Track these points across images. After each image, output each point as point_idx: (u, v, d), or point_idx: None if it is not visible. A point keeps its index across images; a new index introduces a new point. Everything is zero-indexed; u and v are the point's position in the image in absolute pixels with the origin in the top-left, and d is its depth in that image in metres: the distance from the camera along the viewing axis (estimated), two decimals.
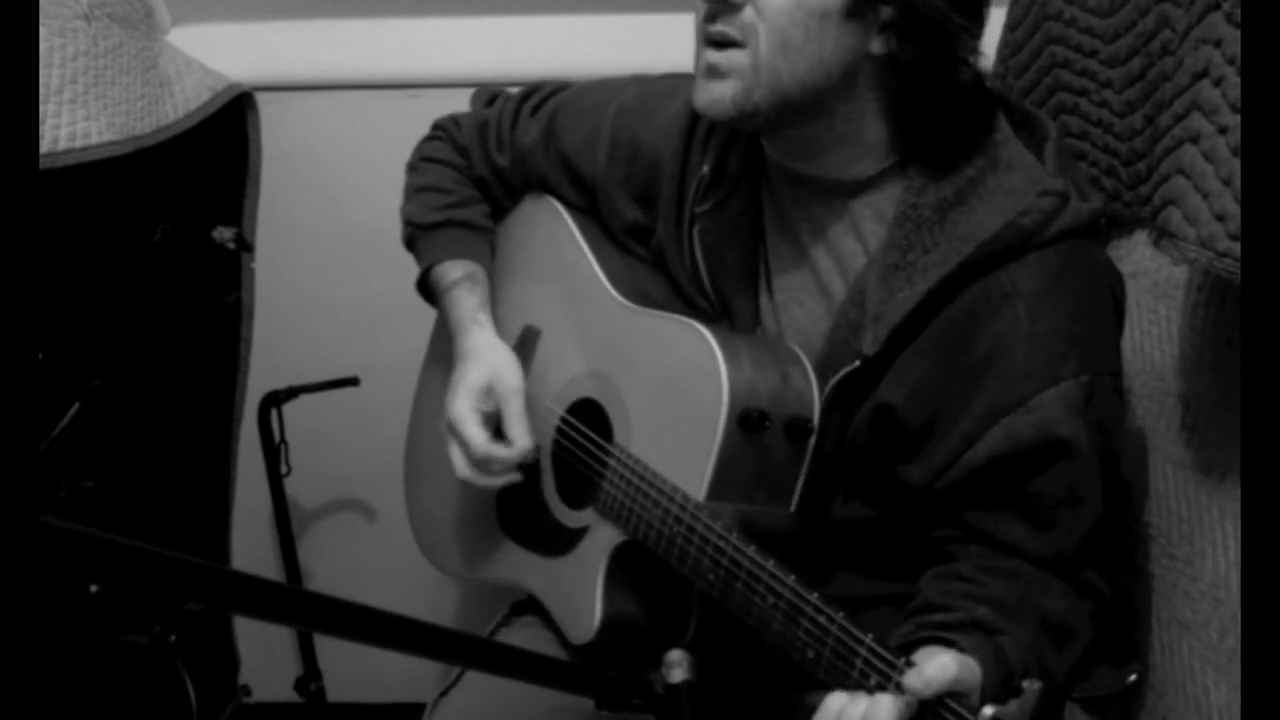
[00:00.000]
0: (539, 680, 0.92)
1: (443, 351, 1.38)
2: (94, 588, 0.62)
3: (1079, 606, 1.05)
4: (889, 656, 0.89)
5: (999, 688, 0.91)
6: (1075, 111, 1.28)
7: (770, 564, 0.99)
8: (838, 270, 1.13)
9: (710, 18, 1.05)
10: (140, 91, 1.56)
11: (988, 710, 0.81)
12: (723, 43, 1.04)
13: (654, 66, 1.32)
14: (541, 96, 1.35)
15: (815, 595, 0.96)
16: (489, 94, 1.42)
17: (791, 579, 0.98)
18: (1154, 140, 1.14)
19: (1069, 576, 1.05)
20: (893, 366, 1.06)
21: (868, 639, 0.91)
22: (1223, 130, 0.90)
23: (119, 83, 1.52)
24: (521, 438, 1.24)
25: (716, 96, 1.06)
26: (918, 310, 1.03)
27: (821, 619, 0.95)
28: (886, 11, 1.02)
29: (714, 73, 1.06)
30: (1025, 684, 0.82)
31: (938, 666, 0.87)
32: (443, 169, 1.39)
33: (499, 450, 1.23)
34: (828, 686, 0.95)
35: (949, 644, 0.95)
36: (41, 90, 1.37)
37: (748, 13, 1.02)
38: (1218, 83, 0.90)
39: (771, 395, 1.08)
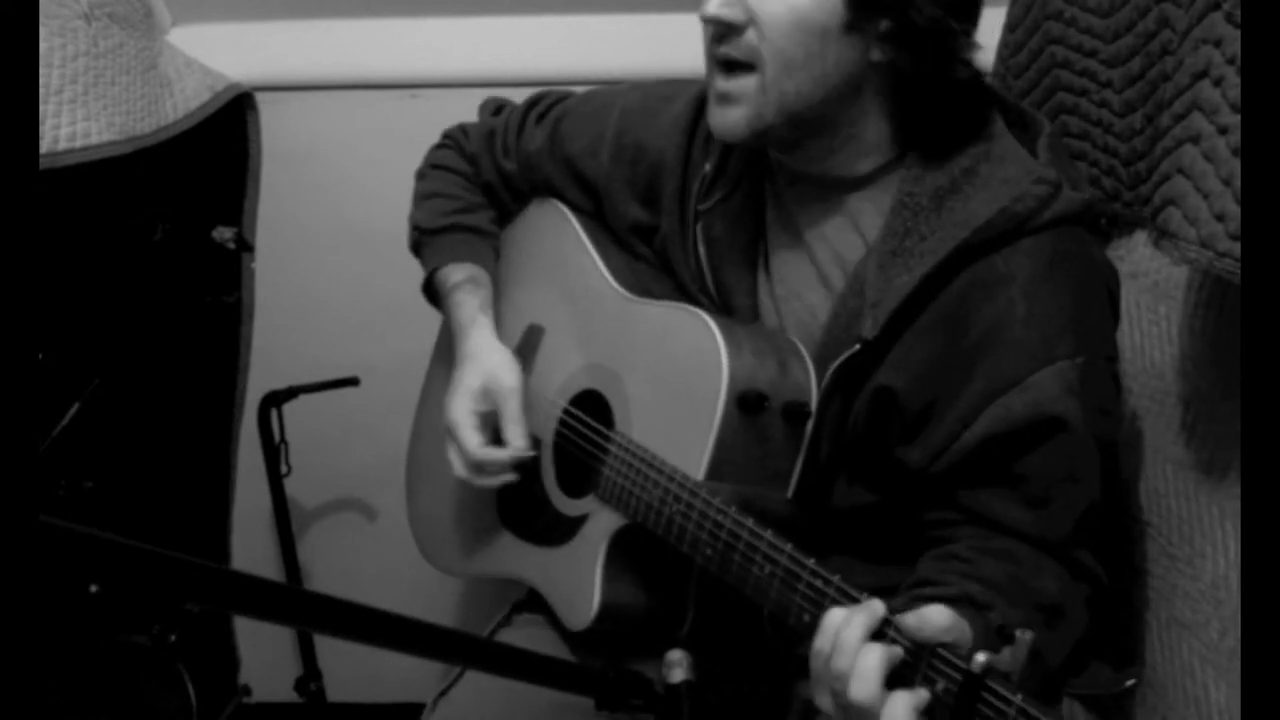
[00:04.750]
0: (539, 680, 0.92)
1: (447, 353, 1.40)
2: (94, 588, 0.62)
3: (1073, 589, 1.06)
4: (889, 616, 0.89)
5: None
6: (1075, 111, 1.28)
7: (768, 533, 1.01)
8: (837, 263, 1.15)
9: (717, 39, 1.08)
10: (140, 91, 1.56)
11: (980, 656, 0.81)
12: (731, 66, 1.08)
13: (654, 67, 1.33)
14: (546, 104, 1.38)
15: (812, 560, 0.97)
16: (496, 104, 1.45)
17: (789, 546, 0.99)
18: (1154, 140, 1.14)
19: (1063, 557, 1.06)
20: (892, 350, 1.07)
21: (863, 597, 0.92)
22: (1223, 130, 0.90)
23: (119, 83, 1.52)
24: (517, 439, 1.25)
25: (731, 122, 1.10)
26: (915, 294, 1.05)
27: (818, 582, 0.96)
28: (884, 23, 1.04)
29: (726, 99, 1.09)
30: (1018, 633, 0.81)
31: (934, 610, 0.87)
32: (450, 176, 1.42)
33: (493, 453, 1.25)
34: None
35: None
36: (41, 90, 1.37)
37: (750, 34, 1.05)
38: (1218, 83, 0.90)
39: (770, 381, 1.10)
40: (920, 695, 0.84)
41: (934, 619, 0.86)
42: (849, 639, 0.87)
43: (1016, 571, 1.03)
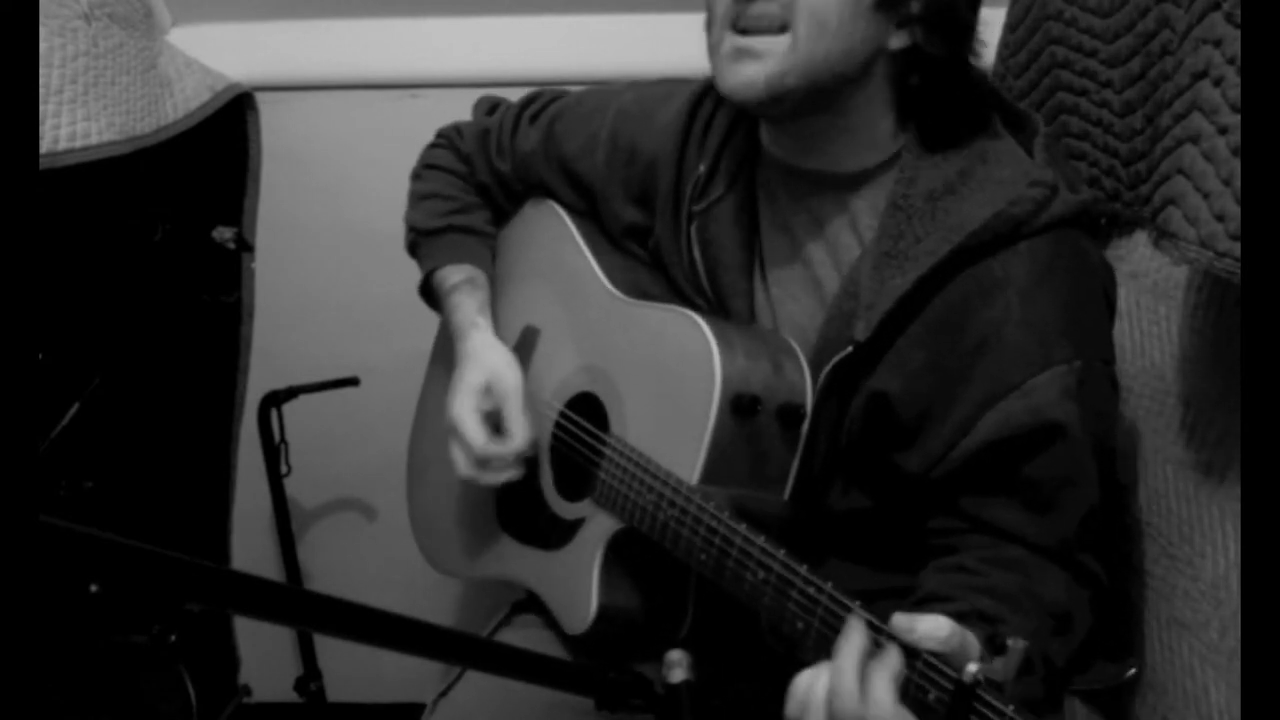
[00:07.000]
0: (539, 680, 0.92)
1: (446, 355, 1.40)
2: (94, 588, 0.62)
3: (1078, 594, 1.06)
4: (877, 622, 0.89)
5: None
6: (1075, 111, 1.28)
7: (761, 540, 1.00)
8: (832, 263, 1.14)
9: None
10: (140, 91, 1.56)
11: (972, 666, 0.81)
12: (760, 29, 1.04)
13: (654, 67, 1.32)
14: (541, 104, 1.37)
15: (804, 567, 0.97)
16: (490, 102, 1.44)
17: (781, 553, 0.99)
18: (1154, 140, 1.14)
19: (1068, 563, 1.06)
20: (886, 354, 1.07)
21: (855, 605, 0.91)
22: (1223, 130, 0.90)
23: (119, 83, 1.52)
24: (521, 432, 1.25)
25: (749, 78, 1.05)
26: (910, 297, 1.04)
27: (810, 590, 0.95)
28: (916, 6, 1.04)
29: (746, 54, 1.05)
30: (1010, 642, 0.81)
31: (931, 618, 0.85)
32: (445, 176, 1.41)
33: (497, 447, 1.25)
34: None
35: None
36: (41, 90, 1.37)
37: None
38: (1218, 83, 0.90)
39: (764, 383, 1.09)
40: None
41: (927, 626, 0.84)
42: (846, 663, 0.86)
43: (1024, 581, 1.02)
